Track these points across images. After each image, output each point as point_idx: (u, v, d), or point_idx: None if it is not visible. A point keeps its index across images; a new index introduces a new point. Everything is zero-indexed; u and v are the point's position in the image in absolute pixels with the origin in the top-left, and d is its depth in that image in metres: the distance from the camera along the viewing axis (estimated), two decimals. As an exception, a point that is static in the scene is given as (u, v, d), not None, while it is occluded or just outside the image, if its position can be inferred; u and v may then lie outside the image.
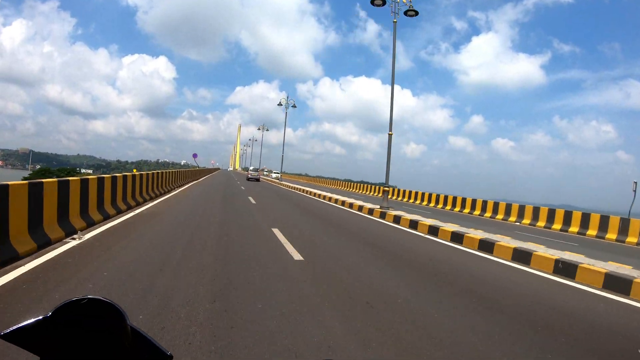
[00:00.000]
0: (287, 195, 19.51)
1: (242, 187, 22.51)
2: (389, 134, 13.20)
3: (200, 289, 3.55)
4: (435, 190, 23.29)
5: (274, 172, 59.33)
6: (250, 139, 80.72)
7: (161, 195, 12.66)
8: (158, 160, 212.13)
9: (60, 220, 5.19)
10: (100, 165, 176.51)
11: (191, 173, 24.86)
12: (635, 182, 16.00)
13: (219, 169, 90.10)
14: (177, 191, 15.37)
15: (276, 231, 7.13)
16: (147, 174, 11.15)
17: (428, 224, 9.02)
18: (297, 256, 5.27)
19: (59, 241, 4.89)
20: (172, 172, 16.74)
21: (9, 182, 4.10)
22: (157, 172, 12.82)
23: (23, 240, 4.22)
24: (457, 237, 7.79)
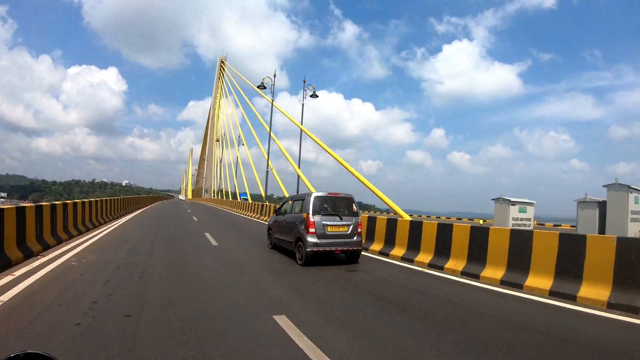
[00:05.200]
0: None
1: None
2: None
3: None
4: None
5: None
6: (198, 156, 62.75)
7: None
8: (94, 180, 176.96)
9: None
10: (21, 187, 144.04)
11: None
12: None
13: (162, 197, 62.95)
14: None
15: None
16: None
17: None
18: None
19: None
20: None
21: None
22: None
23: None
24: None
